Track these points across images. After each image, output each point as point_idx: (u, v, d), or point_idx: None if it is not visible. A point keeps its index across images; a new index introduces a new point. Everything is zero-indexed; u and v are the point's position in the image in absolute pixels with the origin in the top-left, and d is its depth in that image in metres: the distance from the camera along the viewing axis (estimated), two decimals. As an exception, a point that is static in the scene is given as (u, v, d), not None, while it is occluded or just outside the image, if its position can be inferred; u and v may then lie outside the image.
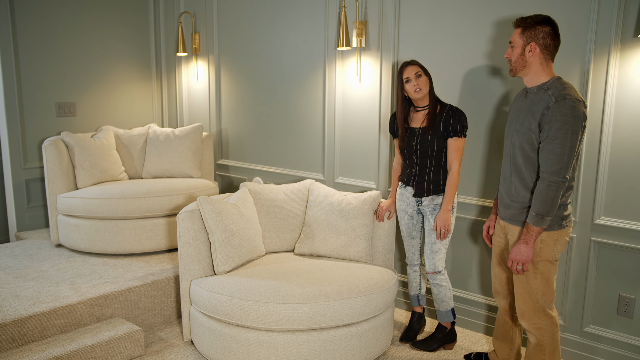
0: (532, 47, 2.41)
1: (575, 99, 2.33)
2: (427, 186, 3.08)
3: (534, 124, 2.41)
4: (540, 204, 2.39)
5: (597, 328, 2.98)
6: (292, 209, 3.46)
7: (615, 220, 2.85)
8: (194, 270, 3.05)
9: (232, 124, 4.74)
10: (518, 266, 2.50)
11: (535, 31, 2.41)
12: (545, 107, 2.36)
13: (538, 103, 2.41)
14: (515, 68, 2.49)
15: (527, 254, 2.46)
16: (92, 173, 4.17)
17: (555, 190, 2.36)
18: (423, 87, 3.00)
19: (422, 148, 3.03)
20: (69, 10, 4.67)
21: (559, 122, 2.31)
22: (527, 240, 2.46)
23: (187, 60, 5.03)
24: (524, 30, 2.43)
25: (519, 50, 2.44)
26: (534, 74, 2.46)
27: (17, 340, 2.89)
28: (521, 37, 2.43)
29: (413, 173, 3.12)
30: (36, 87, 4.54)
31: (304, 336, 2.74)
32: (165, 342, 3.26)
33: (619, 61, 2.73)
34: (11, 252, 3.98)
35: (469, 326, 3.48)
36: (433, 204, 3.08)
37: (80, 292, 3.24)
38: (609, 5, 2.71)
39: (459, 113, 2.99)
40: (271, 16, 4.26)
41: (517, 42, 2.45)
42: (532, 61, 2.43)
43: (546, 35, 2.40)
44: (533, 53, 2.42)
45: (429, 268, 3.11)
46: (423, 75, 3.00)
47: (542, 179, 2.39)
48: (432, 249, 3.09)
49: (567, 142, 2.31)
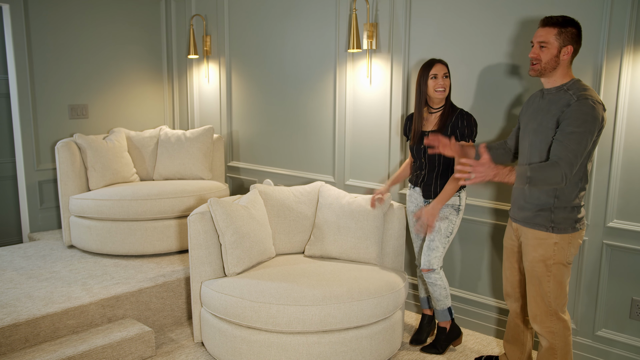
0: (569, 49, 2.37)
1: (596, 100, 2.31)
2: (435, 189, 3.07)
3: (552, 122, 2.38)
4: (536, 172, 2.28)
5: (610, 332, 2.96)
6: (302, 210, 3.46)
7: (628, 223, 2.82)
8: (205, 272, 3.06)
9: (242, 126, 4.76)
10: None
11: (570, 33, 2.37)
12: (566, 104, 2.34)
13: (558, 102, 2.39)
14: (545, 69, 2.42)
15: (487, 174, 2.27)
16: (104, 175, 4.21)
17: (556, 176, 2.28)
18: (446, 88, 2.99)
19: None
20: (82, 13, 4.71)
21: (579, 120, 2.29)
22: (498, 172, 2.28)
23: (199, 62, 5.06)
24: (561, 31, 2.37)
25: (555, 51, 2.38)
26: (560, 75, 2.43)
27: (30, 340, 2.92)
28: (557, 38, 2.37)
29: (422, 175, 3.11)
30: (49, 90, 4.59)
31: (314, 338, 2.74)
32: (176, 343, 3.28)
33: (631, 63, 2.71)
34: (24, 253, 4.02)
35: (480, 329, 3.46)
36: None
37: (92, 292, 3.26)
38: (621, 6, 2.69)
39: (468, 117, 2.98)
40: (282, 19, 4.28)
41: (553, 43, 2.38)
42: (564, 63, 2.41)
43: (576, 37, 2.38)
44: (569, 55, 2.39)
45: (423, 265, 3.09)
46: (449, 77, 3.00)
47: (557, 162, 2.28)
48: (429, 247, 3.07)
49: (583, 140, 2.29)
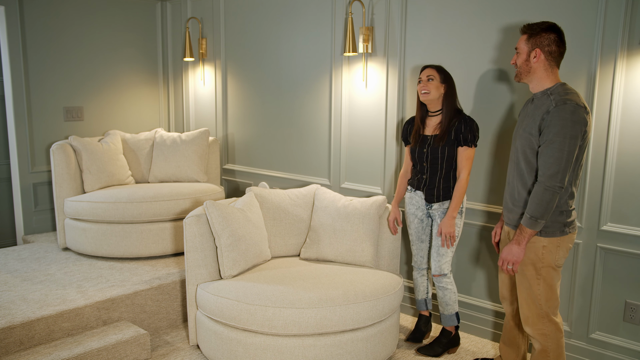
0: (537, 53, 2.44)
1: (577, 104, 2.34)
2: (438, 192, 3.09)
3: (534, 128, 2.43)
4: (534, 207, 2.40)
5: (603, 334, 2.98)
6: (298, 213, 3.47)
7: (622, 226, 2.85)
8: (201, 274, 3.06)
9: (238, 128, 4.77)
10: (508, 266, 2.53)
11: (540, 38, 2.43)
12: (546, 111, 2.38)
13: (540, 107, 2.43)
14: (520, 73, 2.52)
15: (518, 255, 2.49)
16: (99, 177, 4.20)
17: (550, 195, 2.37)
18: (431, 90, 3.00)
19: (433, 155, 3.04)
20: (78, 15, 4.71)
21: (558, 126, 2.33)
22: (519, 241, 2.48)
23: (194, 65, 5.06)
24: (530, 37, 2.46)
25: (524, 56, 2.47)
26: (539, 80, 2.48)
27: (24, 343, 2.91)
28: (527, 43, 2.46)
29: (424, 179, 3.13)
30: (44, 92, 4.58)
31: (310, 341, 2.74)
32: (171, 346, 3.27)
33: (625, 68, 2.74)
34: (18, 256, 4.00)
35: (475, 332, 3.48)
36: (443, 208, 3.09)
37: (87, 295, 3.25)
38: (615, 12, 2.72)
39: (470, 122, 3.00)
40: (278, 22, 4.29)
41: (523, 48, 2.48)
42: (537, 67, 2.46)
43: (551, 42, 2.42)
44: (538, 59, 2.44)
45: (434, 270, 3.12)
46: (435, 80, 3.01)
47: (539, 182, 2.40)
48: (438, 252, 3.10)
49: (565, 146, 2.32)
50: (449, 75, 3.05)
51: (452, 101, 3.04)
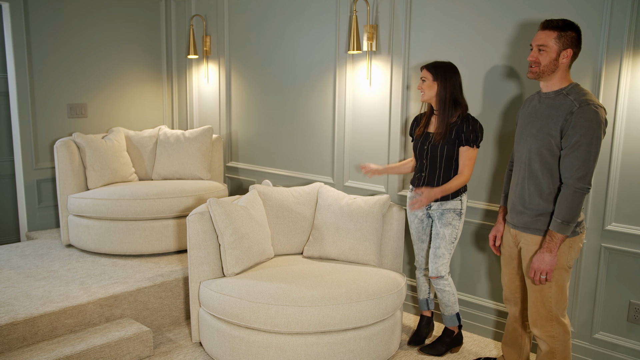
0: (569, 53, 2.37)
1: (598, 104, 2.32)
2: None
3: (554, 129, 2.38)
4: (566, 211, 2.36)
5: (608, 335, 2.97)
6: (301, 211, 3.47)
7: (626, 226, 2.83)
8: (203, 272, 3.06)
9: (242, 126, 4.76)
10: (542, 276, 2.45)
11: (570, 37, 2.37)
12: (569, 112, 2.33)
13: (559, 108, 2.38)
14: (543, 72, 2.42)
15: (551, 263, 2.42)
16: (102, 174, 4.20)
17: (580, 197, 2.34)
18: (425, 91, 3.02)
19: (432, 153, 3.03)
20: (82, 12, 4.71)
21: (584, 127, 2.29)
22: (550, 248, 2.41)
23: (198, 62, 5.06)
24: (561, 34, 2.37)
25: (554, 55, 2.38)
26: (559, 79, 2.43)
27: (27, 339, 2.91)
28: (557, 41, 2.37)
29: (423, 177, 3.12)
30: (48, 89, 4.58)
31: (312, 339, 2.74)
32: (174, 343, 3.27)
33: (631, 67, 2.72)
34: (22, 252, 4.01)
35: (478, 331, 3.47)
36: (441, 209, 3.08)
37: (90, 292, 3.26)
38: (621, 11, 2.70)
39: (474, 123, 2.98)
40: (282, 19, 4.28)
41: (552, 46, 2.38)
42: (562, 67, 2.40)
43: (576, 41, 2.38)
44: (568, 59, 2.39)
45: (431, 272, 3.11)
46: (428, 80, 3.00)
47: (567, 185, 2.36)
48: (435, 254, 3.08)
49: (592, 148, 2.30)
50: (443, 72, 2.97)
51: (446, 97, 2.97)
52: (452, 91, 2.98)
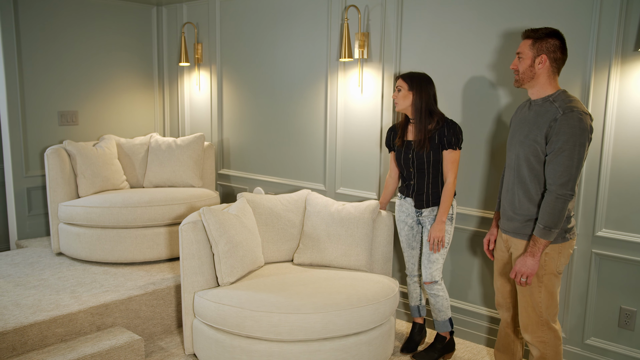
0: (543, 59, 2.40)
1: (582, 111, 2.33)
2: (427, 198, 3.09)
3: (540, 136, 2.40)
4: (548, 217, 2.38)
5: (599, 340, 2.98)
6: (291, 218, 3.46)
7: (617, 232, 2.86)
8: (197, 282, 3.03)
9: (233, 133, 4.76)
10: (522, 278, 2.48)
11: (546, 43, 2.40)
12: (553, 119, 2.35)
13: (544, 115, 2.41)
14: (522, 79, 2.47)
15: (532, 267, 2.45)
16: (93, 182, 4.18)
17: (562, 203, 2.36)
18: (399, 101, 3.05)
19: (419, 161, 3.05)
20: (73, 19, 4.70)
21: (567, 134, 2.31)
22: (533, 252, 2.44)
23: (190, 70, 5.06)
24: (535, 41, 2.41)
25: (529, 61, 2.43)
26: (541, 86, 2.45)
27: (17, 349, 2.88)
28: (531, 48, 2.42)
29: (412, 185, 3.13)
30: (39, 96, 4.56)
31: (315, 346, 2.74)
32: (166, 352, 3.25)
33: (619, 75, 2.75)
34: (12, 260, 3.97)
35: (470, 337, 3.47)
36: (433, 215, 3.09)
37: (80, 300, 3.23)
38: (609, 19, 2.74)
39: (453, 126, 3.01)
40: (274, 27, 4.29)
41: (527, 53, 2.43)
42: (541, 73, 2.43)
43: (556, 48, 2.40)
44: (543, 65, 2.41)
45: (425, 278, 3.12)
46: (403, 89, 3.03)
47: (549, 191, 2.38)
48: (429, 259, 3.09)
49: (575, 154, 2.31)
50: (418, 82, 3.02)
51: (422, 107, 3.01)
52: (427, 101, 3.02)
